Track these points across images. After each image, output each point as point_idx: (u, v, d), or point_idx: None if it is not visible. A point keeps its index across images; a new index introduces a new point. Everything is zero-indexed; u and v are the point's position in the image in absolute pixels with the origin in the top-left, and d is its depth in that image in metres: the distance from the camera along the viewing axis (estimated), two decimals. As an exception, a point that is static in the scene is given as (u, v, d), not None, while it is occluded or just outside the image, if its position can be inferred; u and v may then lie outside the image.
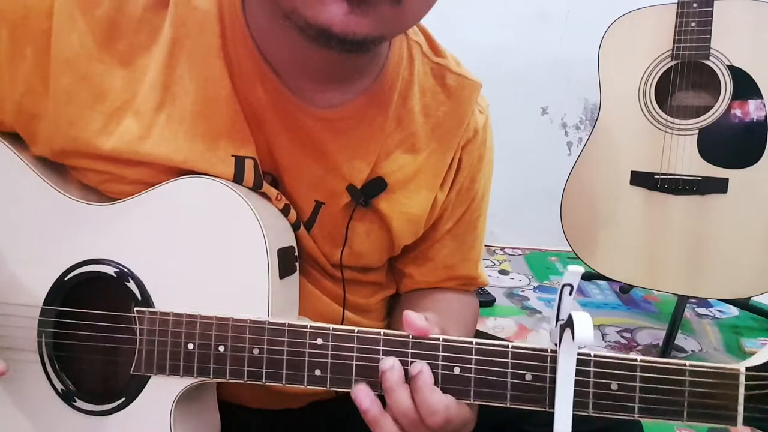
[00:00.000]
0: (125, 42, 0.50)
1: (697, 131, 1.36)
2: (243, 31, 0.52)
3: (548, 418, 0.63)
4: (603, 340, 1.58)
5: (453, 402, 0.46)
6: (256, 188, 0.54)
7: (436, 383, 0.46)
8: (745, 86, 1.31)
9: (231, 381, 0.49)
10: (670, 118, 1.38)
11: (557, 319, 0.45)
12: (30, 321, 0.53)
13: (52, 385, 0.53)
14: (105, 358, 0.53)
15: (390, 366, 0.46)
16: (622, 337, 1.61)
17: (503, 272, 2.10)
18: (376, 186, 0.58)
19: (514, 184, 2.22)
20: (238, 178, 0.53)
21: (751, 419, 0.44)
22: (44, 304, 0.53)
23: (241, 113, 0.53)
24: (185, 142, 0.51)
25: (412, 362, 0.46)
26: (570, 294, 0.44)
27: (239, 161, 0.53)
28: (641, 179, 1.42)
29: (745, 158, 1.32)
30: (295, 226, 0.57)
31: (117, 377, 0.52)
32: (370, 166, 0.58)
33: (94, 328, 0.52)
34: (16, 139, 0.55)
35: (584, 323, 0.43)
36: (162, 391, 0.50)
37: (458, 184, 0.65)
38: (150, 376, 0.50)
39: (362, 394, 0.46)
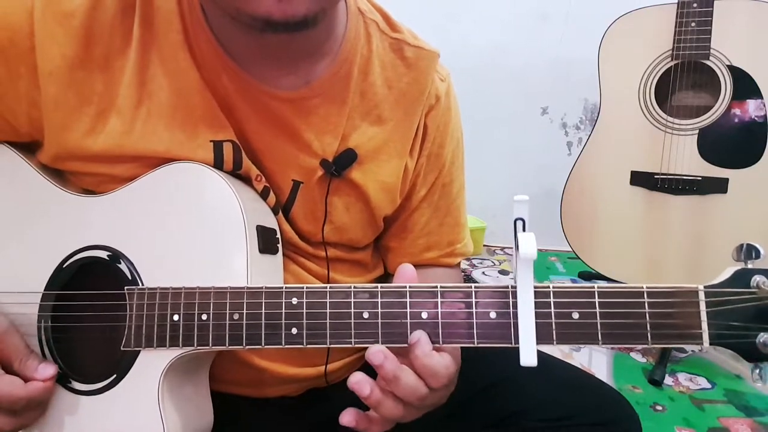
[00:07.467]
0: (101, 47, 0.53)
1: (697, 131, 1.36)
2: (202, 25, 0.55)
3: (547, 415, 0.64)
4: (603, 340, 1.58)
5: (450, 360, 0.48)
6: (236, 168, 0.57)
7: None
8: (745, 86, 1.32)
9: (214, 348, 0.50)
10: (670, 118, 1.38)
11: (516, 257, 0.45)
12: (32, 307, 0.55)
13: None
14: (99, 339, 0.54)
15: (383, 357, 0.46)
16: (622, 337, 1.60)
17: (503, 272, 2.10)
18: (347, 157, 0.61)
19: (513, 183, 2.23)
20: (218, 161, 0.56)
21: (717, 336, 0.44)
22: (45, 290, 0.55)
23: (213, 101, 0.56)
24: (165, 133, 0.55)
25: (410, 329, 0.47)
26: (524, 229, 0.45)
27: (217, 145, 0.56)
28: (641, 179, 1.42)
29: (745, 158, 1.33)
30: (274, 211, 0.60)
31: (110, 356, 0.53)
32: (338, 139, 0.60)
33: (89, 309, 0.54)
34: (23, 148, 0.59)
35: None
36: (150, 366, 0.51)
37: (426, 150, 0.67)
38: (139, 352, 0.52)
39: (362, 383, 0.47)
